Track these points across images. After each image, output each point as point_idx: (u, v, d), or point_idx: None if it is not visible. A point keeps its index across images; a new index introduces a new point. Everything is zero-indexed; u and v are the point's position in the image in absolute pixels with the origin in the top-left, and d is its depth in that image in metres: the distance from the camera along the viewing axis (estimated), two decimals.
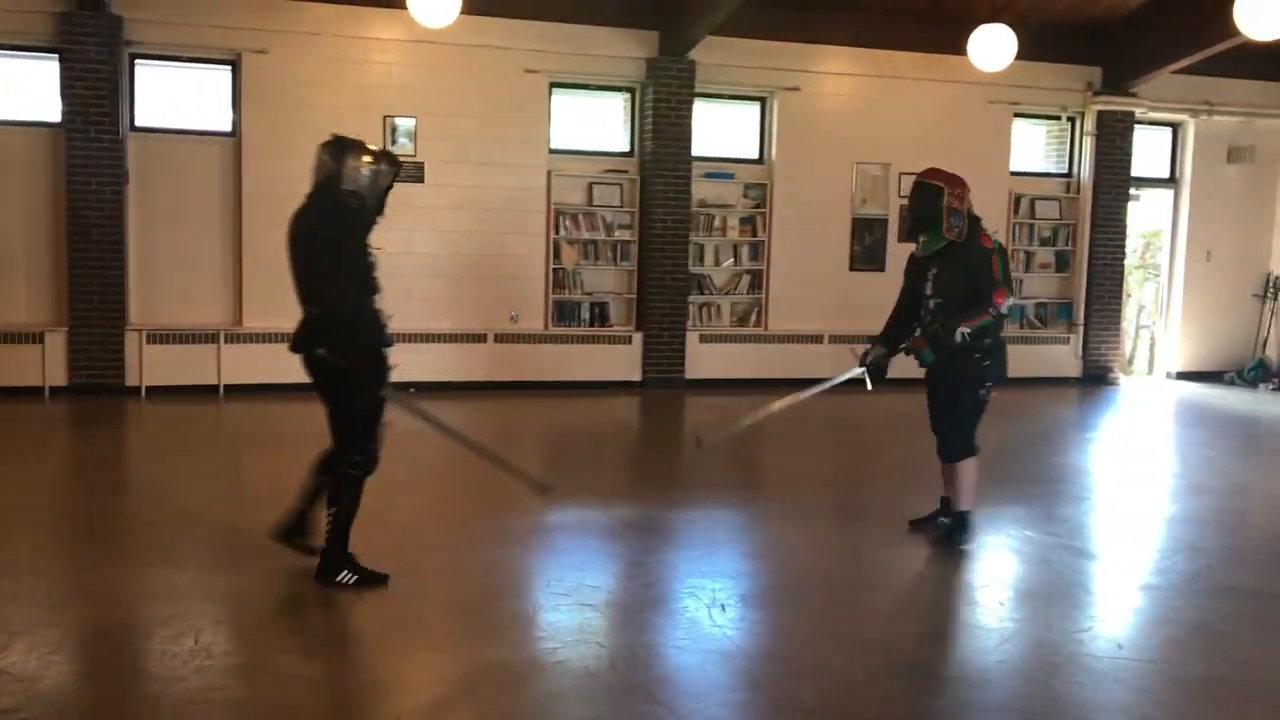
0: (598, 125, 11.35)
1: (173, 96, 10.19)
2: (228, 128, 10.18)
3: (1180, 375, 13.07)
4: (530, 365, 10.86)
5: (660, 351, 11.15)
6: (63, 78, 9.54)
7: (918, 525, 6.00)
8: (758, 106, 11.59)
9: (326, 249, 4.61)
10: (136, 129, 9.95)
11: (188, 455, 7.77)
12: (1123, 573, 5.56)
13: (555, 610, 4.65)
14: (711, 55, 10.90)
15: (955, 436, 5.68)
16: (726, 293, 11.61)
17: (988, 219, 5.84)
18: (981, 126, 11.98)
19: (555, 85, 10.93)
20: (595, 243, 11.10)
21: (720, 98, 11.44)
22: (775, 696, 3.90)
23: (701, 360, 11.28)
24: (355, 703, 3.75)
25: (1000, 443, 5.89)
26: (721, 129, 11.56)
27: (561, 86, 11.00)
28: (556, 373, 10.87)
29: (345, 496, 4.77)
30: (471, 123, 10.58)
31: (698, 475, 7.95)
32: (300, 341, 4.71)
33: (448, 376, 10.50)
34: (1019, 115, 12.28)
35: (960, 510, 5.75)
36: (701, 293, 11.48)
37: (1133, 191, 12.60)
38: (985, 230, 5.66)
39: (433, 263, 10.61)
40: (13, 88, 9.87)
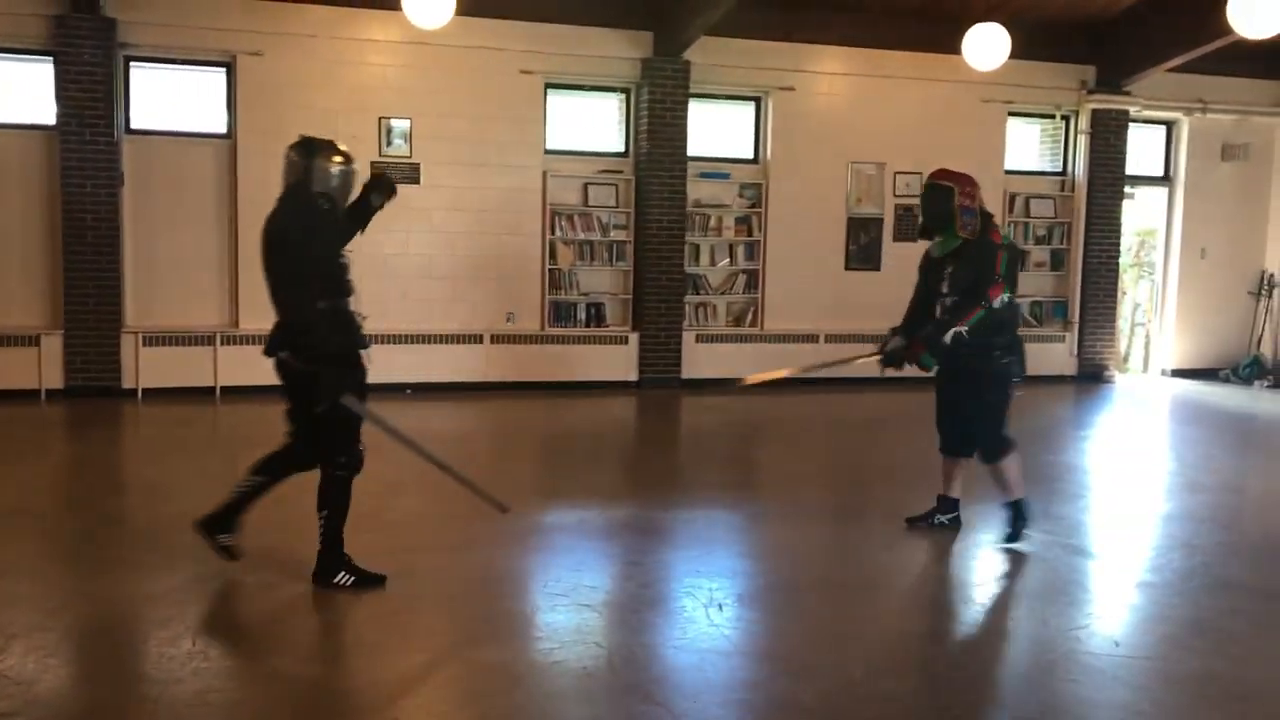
0: (593, 126, 11.35)
1: (168, 99, 10.19)
2: (223, 130, 10.18)
3: (1175, 373, 13.10)
4: (526, 365, 10.87)
5: (656, 351, 11.15)
6: (57, 80, 9.54)
7: (915, 523, 6.01)
8: (753, 106, 11.60)
9: (294, 252, 4.55)
10: (131, 131, 9.94)
11: (185, 457, 7.76)
12: (1119, 570, 5.57)
13: (553, 611, 4.65)
14: (706, 55, 10.91)
15: (991, 436, 5.72)
16: (722, 292, 11.62)
17: None
18: (976, 125, 11.99)
19: (550, 86, 10.93)
20: (591, 243, 11.10)
21: (715, 98, 11.45)
22: (773, 696, 3.90)
23: (697, 360, 11.29)
24: (353, 704, 3.75)
25: None
26: (716, 129, 11.57)
27: (556, 87, 11.00)
28: (553, 373, 10.88)
29: (335, 498, 4.75)
30: (467, 124, 10.58)
31: (695, 475, 7.96)
32: (269, 345, 4.68)
33: (444, 377, 10.52)
34: (1013, 114, 12.30)
35: (1014, 500, 5.78)
36: (697, 293, 11.49)
37: (1127, 189, 12.63)
38: (996, 227, 5.72)
39: (428, 263, 10.62)
40: (7, 90, 9.86)
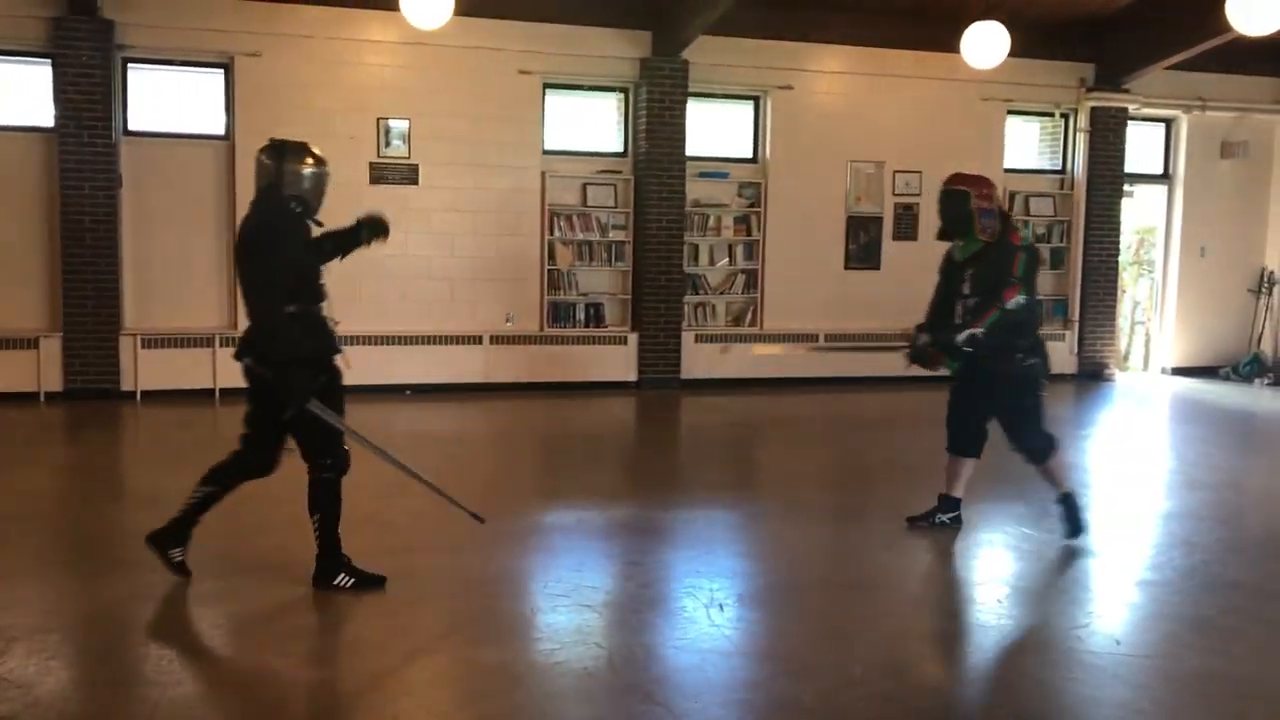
0: (591, 126, 11.35)
1: (166, 100, 10.19)
2: (221, 131, 10.17)
3: (1175, 371, 13.10)
4: (526, 366, 10.86)
5: (656, 352, 11.15)
6: (55, 82, 9.54)
7: (915, 522, 6.01)
8: (751, 106, 11.59)
9: (263, 256, 4.52)
10: (129, 133, 9.94)
11: (184, 460, 7.71)
12: (1119, 568, 5.56)
13: (553, 611, 4.65)
14: (705, 55, 10.91)
15: (1034, 438, 5.76)
16: (721, 292, 11.62)
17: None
18: (975, 124, 11.99)
19: (549, 86, 10.93)
20: (590, 243, 11.10)
21: (714, 97, 11.44)
22: (773, 696, 3.90)
23: (697, 360, 11.29)
24: (354, 705, 3.75)
25: (997, 440, 5.89)
26: (715, 128, 11.56)
27: (555, 87, 11.00)
28: (552, 374, 10.87)
29: (325, 501, 4.73)
30: (465, 124, 10.58)
31: (695, 475, 7.96)
32: (238, 350, 4.66)
33: (444, 378, 10.52)
34: (1012, 112, 12.30)
35: (1065, 494, 5.80)
36: (696, 292, 11.49)
37: (1126, 187, 12.62)
38: (1015, 228, 5.76)
39: (427, 264, 10.61)
40: (6, 93, 9.86)
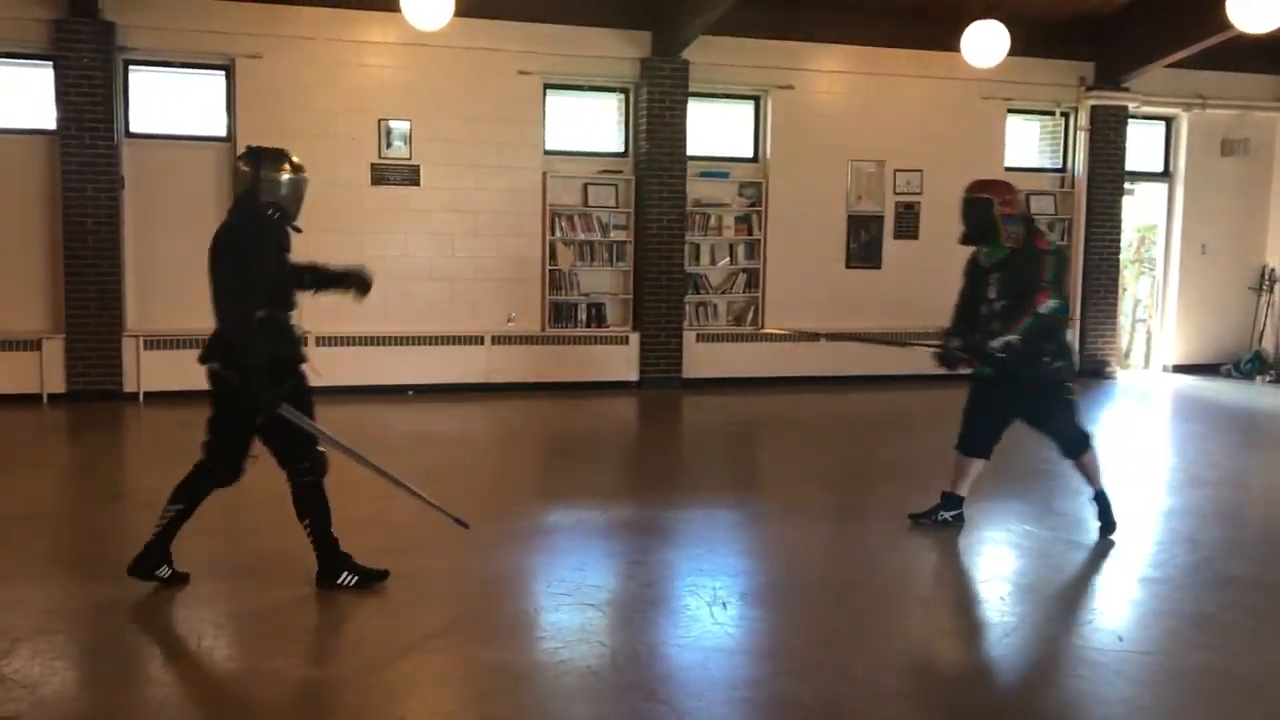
0: (592, 126, 11.36)
1: (167, 102, 10.20)
2: (222, 132, 10.18)
3: (1177, 368, 13.09)
4: (528, 366, 10.87)
5: (657, 351, 11.16)
6: (57, 84, 9.55)
7: (918, 520, 6.02)
8: (752, 105, 11.60)
9: (236, 261, 4.51)
10: (131, 135, 9.95)
11: (187, 461, 7.71)
12: (1122, 565, 5.57)
13: (556, 610, 4.66)
14: (705, 55, 10.91)
15: (1070, 435, 5.83)
16: (723, 292, 11.62)
17: None
18: (975, 123, 12.00)
19: (549, 86, 10.94)
20: (591, 243, 11.11)
21: (714, 97, 11.45)
22: (776, 693, 3.91)
23: (698, 359, 11.29)
24: (358, 705, 3.75)
25: (1005, 438, 5.91)
26: (716, 128, 11.57)
27: (555, 88, 11.01)
28: (554, 374, 10.88)
29: (310, 504, 4.74)
30: (466, 125, 10.59)
31: (697, 474, 7.97)
32: (204, 353, 4.64)
33: (446, 379, 10.52)
34: (1013, 111, 12.30)
35: (1100, 490, 5.90)
36: (698, 292, 11.49)
37: (1127, 185, 12.63)
38: (1041, 232, 5.82)
39: (429, 265, 10.62)
40: (7, 95, 9.87)
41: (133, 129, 9.98)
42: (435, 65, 10.43)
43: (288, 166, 4.69)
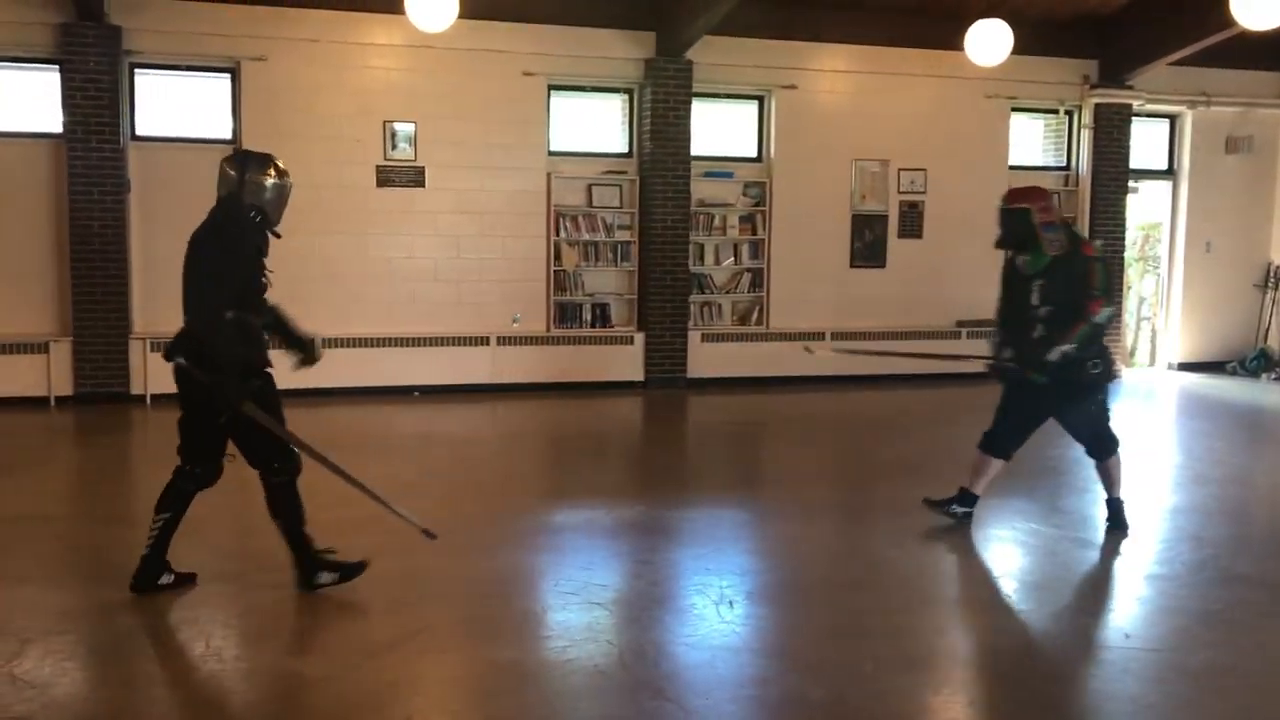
0: (596, 127, 11.38)
1: (173, 105, 10.24)
2: (228, 135, 10.21)
3: (1182, 366, 13.08)
4: (533, 367, 10.89)
5: (662, 351, 11.17)
6: (63, 88, 9.59)
7: (933, 506, 6.00)
8: (755, 105, 11.61)
9: (213, 259, 4.51)
10: (137, 138, 9.99)
11: None
12: (1128, 563, 5.58)
13: (564, 609, 4.67)
14: (708, 55, 10.92)
15: (1100, 437, 5.86)
16: (727, 292, 11.63)
17: (987, 214, 5.87)
18: (979, 121, 12.00)
19: (553, 87, 10.96)
20: (596, 244, 11.13)
21: (718, 97, 11.46)
22: (783, 691, 3.92)
23: (703, 359, 11.30)
24: (367, 704, 3.77)
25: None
26: (720, 128, 11.58)
27: (559, 89, 11.03)
28: (559, 374, 10.89)
29: (284, 505, 4.70)
30: (471, 126, 10.61)
31: (703, 474, 7.99)
32: (169, 349, 4.63)
33: (451, 379, 10.54)
34: (1016, 109, 12.30)
35: (1116, 498, 5.94)
36: (702, 292, 11.51)
37: (1131, 183, 12.63)
38: (1085, 239, 5.85)
39: (434, 266, 10.65)
40: (14, 99, 9.92)
41: (139, 132, 10.02)
42: (440, 67, 10.45)
43: (273, 171, 4.69)
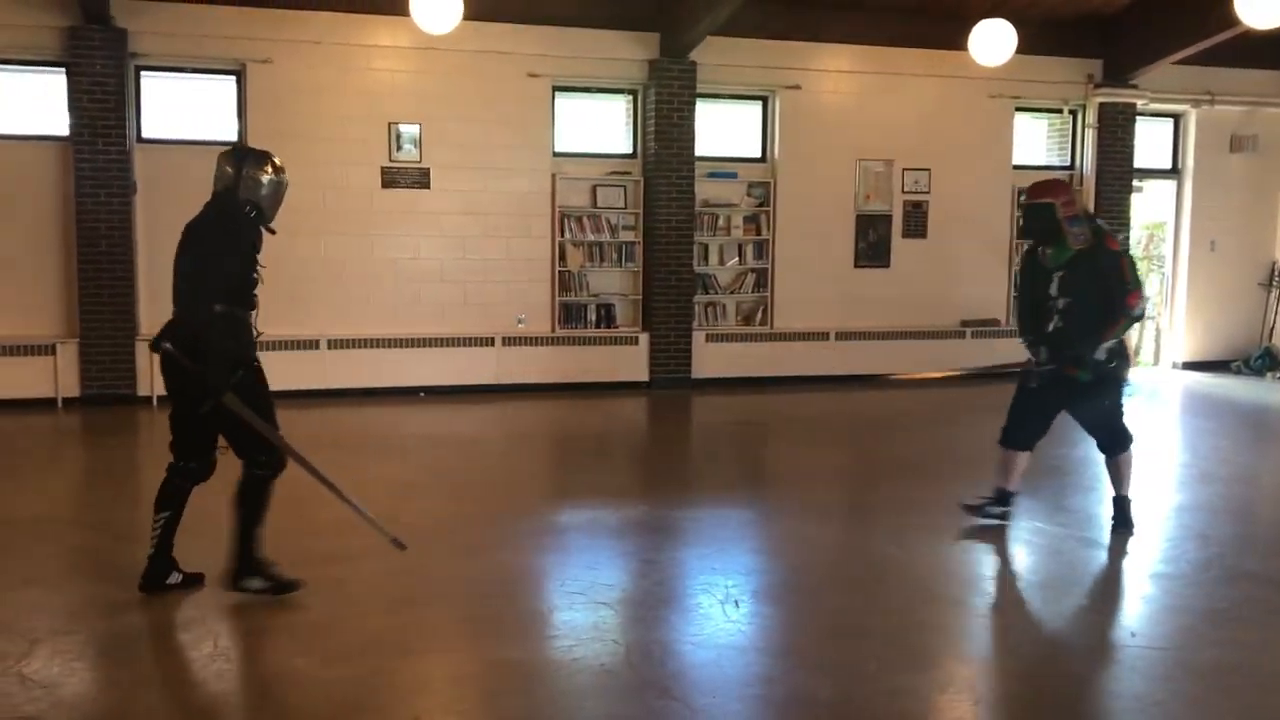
0: (601, 128, 11.40)
1: (179, 107, 10.27)
2: (233, 137, 10.23)
3: (1187, 365, 13.07)
4: (538, 367, 10.90)
5: (667, 351, 11.18)
6: (70, 91, 9.62)
7: (971, 510, 5.99)
8: (759, 106, 11.62)
9: (206, 252, 4.53)
10: (143, 140, 10.02)
11: None
12: (1134, 562, 5.58)
13: (570, 609, 4.69)
14: (712, 56, 10.94)
15: (1115, 432, 5.89)
16: (732, 292, 11.65)
17: (991, 213, 5.88)
18: (983, 121, 12.00)
19: (558, 89, 10.98)
20: (600, 244, 11.14)
21: (722, 98, 11.48)
22: (790, 690, 3.93)
23: (708, 359, 11.32)
24: (374, 704, 3.78)
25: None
26: (724, 129, 11.60)
27: (564, 90, 11.05)
28: (564, 374, 10.91)
29: (252, 499, 4.66)
30: (475, 128, 10.63)
31: (708, 473, 8.00)
32: (157, 338, 4.63)
33: (457, 380, 10.56)
34: (1020, 109, 12.30)
35: (1124, 496, 5.93)
36: (707, 292, 11.52)
37: (1135, 183, 12.62)
38: (1109, 232, 5.79)
39: (439, 267, 10.67)
40: (21, 102, 9.96)
41: (145, 134, 10.05)
42: (444, 68, 10.47)
43: (270, 168, 4.72)
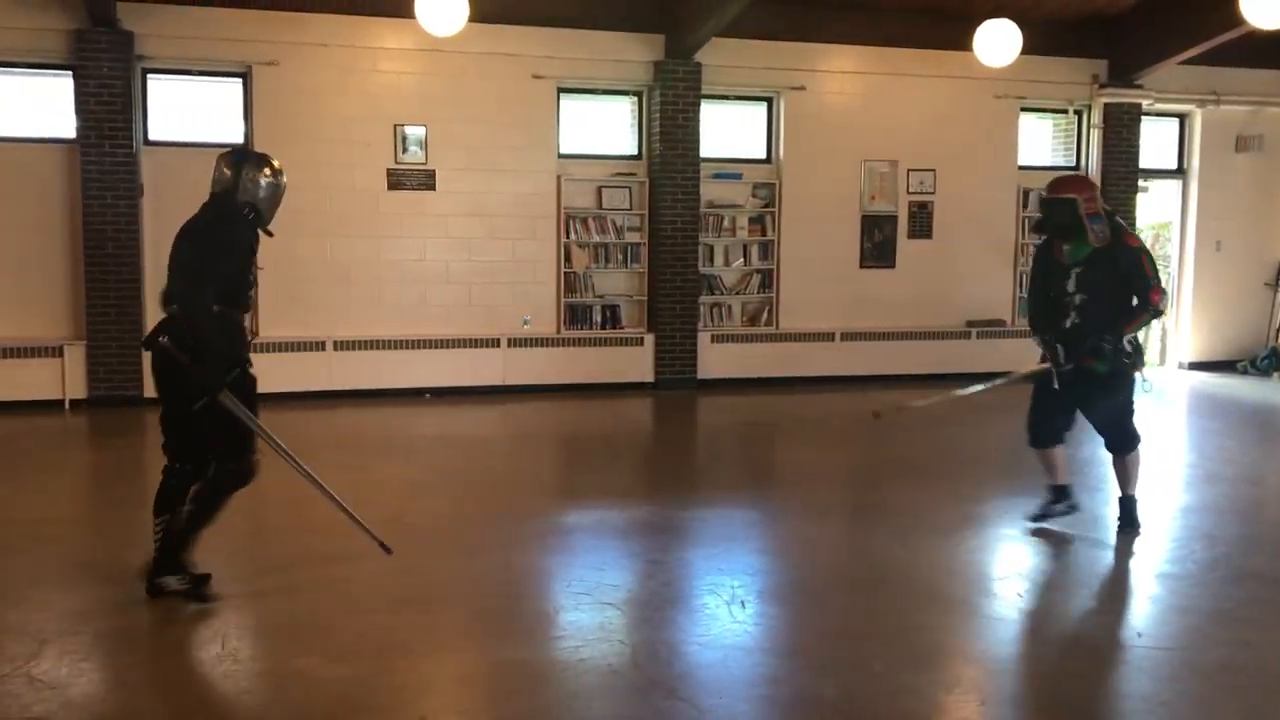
0: (606, 129, 11.41)
1: (185, 110, 10.30)
2: (240, 139, 10.26)
3: (1193, 366, 13.05)
4: (543, 368, 10.92)
5: (672, 352, 11.19)
6: (77, 94, 9.65)
7: (1039, 519, 5.98)
8: (764, 106, 11.62)
9: (203, 251, 4.52)
10: (150, 143, 10.05)
11: None
12: (1140, 562, 5.58)
13: (576, 609, 4.69)
14: (717, 57, 10.95)
15: (1124, 430, 5.86)
16: (737, 292, 11.65)
17: (997, 214, 5.88)
18: (989, 121, 11.99)
19: (563, 90, 10.99)
20: (606, 245, 11.15)
21: (727, 99, 11.48)
22: (796, 691, 3.93)
23: (713, 360, 11.32)
24: (382, 703, 3.79)
25: (1015, 435, 5.91)
26: (729, 130, 11.60)
27: (569, 91, 11.06)
28: (570, 375, 10.93)
29: (209, 501, 4.65)
30: (481, 129, 10.65)
31: (713, 474, 8.00)
32: (150, 336, 4.62)
33: (462, 381, 10.58)
34: (1026, 109, 12.29)
35: (1130, 496, 5.93)
36: (712, 293, 11.52)
37: (1141, 183, 12.61)
38: (1127, 228, 5.77)
39: (445, 269, 10.69)
40: (28, 105, 9.99)
41: (151, 137, 10.07)
42: (450, 70, 10.49)
43: (269, 170, 4.73)
